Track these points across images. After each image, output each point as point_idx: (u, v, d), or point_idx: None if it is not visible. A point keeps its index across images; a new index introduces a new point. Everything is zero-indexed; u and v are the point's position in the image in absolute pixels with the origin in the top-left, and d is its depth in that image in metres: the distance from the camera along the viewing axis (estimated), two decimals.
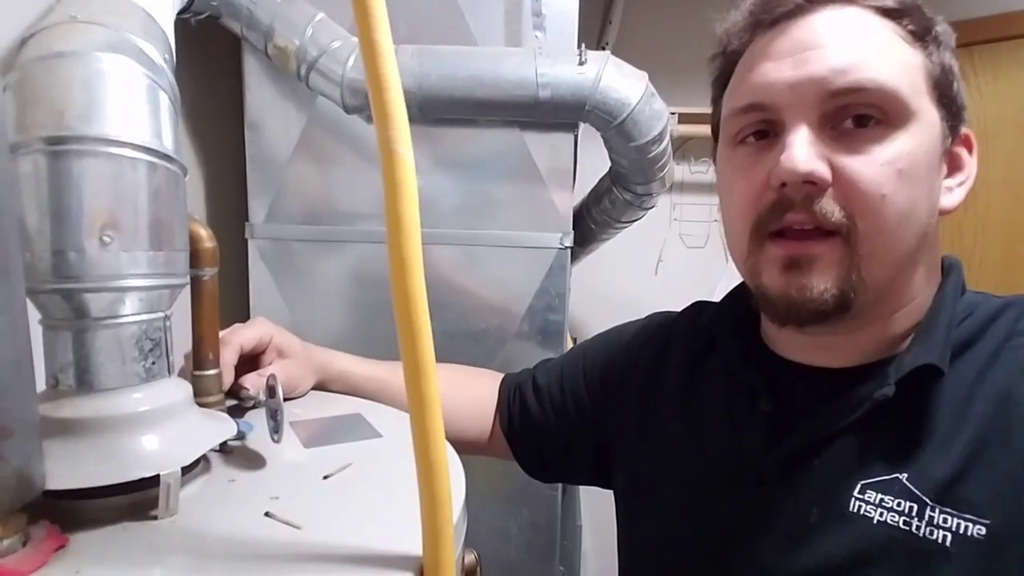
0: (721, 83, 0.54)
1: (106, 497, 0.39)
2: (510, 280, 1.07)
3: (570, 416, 0.68)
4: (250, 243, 1.08)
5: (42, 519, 0.37)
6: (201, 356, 0.52)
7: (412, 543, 0.37)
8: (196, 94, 1.07)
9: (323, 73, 0.93)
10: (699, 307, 0.67)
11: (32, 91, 0.38)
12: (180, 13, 0.78)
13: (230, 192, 1.13)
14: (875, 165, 0.42)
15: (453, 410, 0.70)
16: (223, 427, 0.46)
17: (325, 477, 0.47)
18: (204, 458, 0.47)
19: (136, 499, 0.41)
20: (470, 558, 0.54)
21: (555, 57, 0.93)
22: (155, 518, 0.40)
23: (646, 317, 0.72)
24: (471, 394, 0.74)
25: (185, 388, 0.44)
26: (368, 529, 0.40)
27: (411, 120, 1.02)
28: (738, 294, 0.59)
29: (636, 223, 1.28)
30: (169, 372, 0.44)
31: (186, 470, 0.43)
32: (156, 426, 0.41)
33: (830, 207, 0.43)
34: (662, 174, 1.08)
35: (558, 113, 0.95)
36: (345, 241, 1.08)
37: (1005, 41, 1.68)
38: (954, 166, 0.48)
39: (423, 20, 1.01)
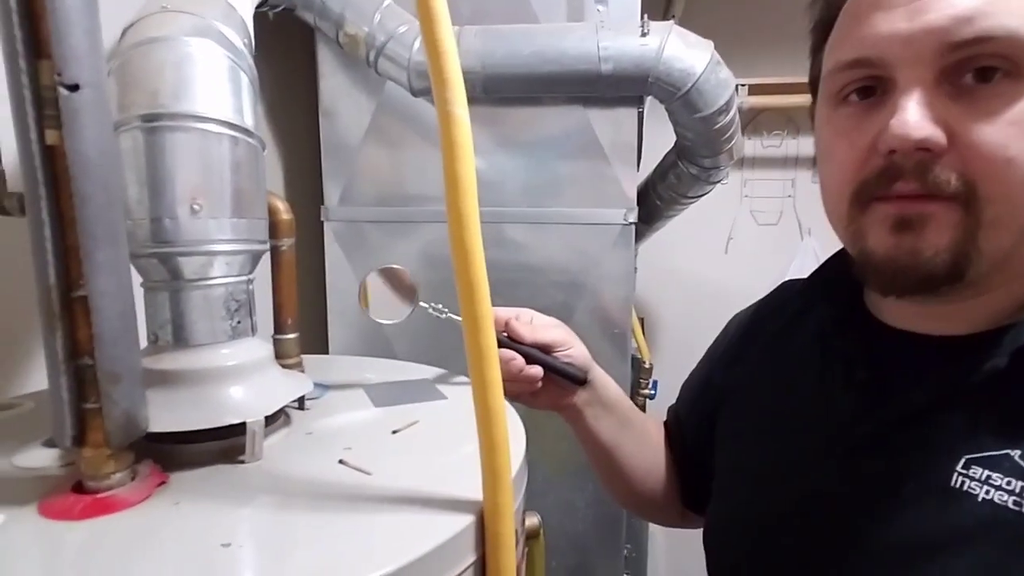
0: (821, 31, 0.49)
1: (200, 442, 0.44)
2: (576, 257, 1.08)
3: (692, 431, 0.68)
4: (325, 225, 1.13)
5: (146, 458, 0.41)
6: (281, 321, 0.56)
7: (473, 491, 0.39)
8: (274, 84, 1.13)
9: (391, 58, 0.96)
10: (788, 284, 0.66)
11: (130, 74, 0.42)
12: (258, 7, 0.83)
13: (306, 177, 1.19)
14: (1000, 125, 0.38)
15: (646, 472, 0.69)
16: (301, 384, 0.49)
17: (394, 432, 0.49)
18: (284, 412, 0.51)
19: (226, 445, 0.45)
20: (532, 520, 0.56)
21: (617, 30, 0.92)
22: (243, 462, 0.44)
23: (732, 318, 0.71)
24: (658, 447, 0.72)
25: (267, 347, 0.48)
26: (432, 478, 0.42)
27: (475, 101, 1.05)
28: (834, 261, 0.57)
29: (705, 200, 1.25)
30: (253, 331, 0.48)
31: (269, 421, 0.47)
32: (242, 379, 0.45)
33: (945, 175, 0.39)
34: (729, 146, 1.05)
35: (621, 86, 0.94)
36: (415, 222, 1.12)
37: None
38: None
39: (485, 0, 1.02)
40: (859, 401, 0.48)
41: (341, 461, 0.44)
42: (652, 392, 1.50)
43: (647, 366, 1.55)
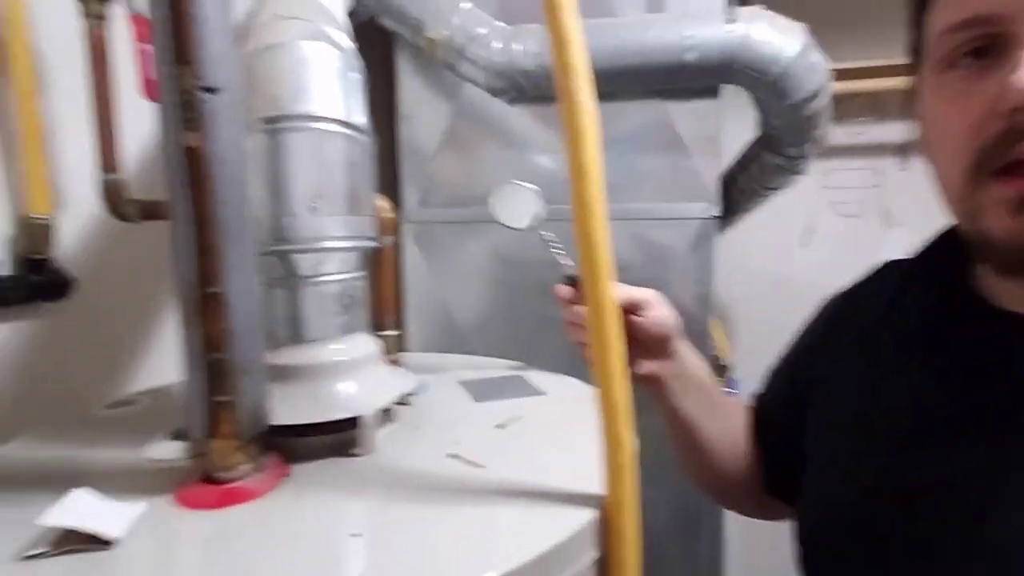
0: None
1: (314, 436, 0.45)
2: (655, 253, 1.06)
3: (779, 417, 0.66)
4: (405, 227, 1.15)
5: (268, 451, 0.43)
6: (382, 318, 0.57)
7: (589, 485, 0.38)
8: None
9: (471, 59, 0.97)
10: (891, 265, 0.62)
11: (252, 80, 0.43)
12: None
13: (384, 180, 1.21)
14: None
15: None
16: (407, 380, 0.50)
17: (498, 426, 0.49)
18: (389, 408, 0.52)
19: (339, 439, 0.46)
20: None
21: (701, 18, 0.90)
22: (356, 455, 0.45)
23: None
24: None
25: (376, 343, 0.49)
26: (545, 472, 0.42)
27: (550, 98, 1.04)
28: (940, 241, 0.54)
29: (780, 192, 1.21)
30: (364, 328, 0.49)
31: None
32: (355, 374, 0.46)
33: None
34: (818, 133, 1.01)
35: (705, 75, 0.92)
36: (488, 222, 1.13)
37: None
38: None
39: None
40: (967, 388, 0.44)
41: (453, 455, 0.44)
42: (733, 391, 1.46)
43: (726, 364, 1.51)
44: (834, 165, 1.63)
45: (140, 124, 0.74)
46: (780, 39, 0.88)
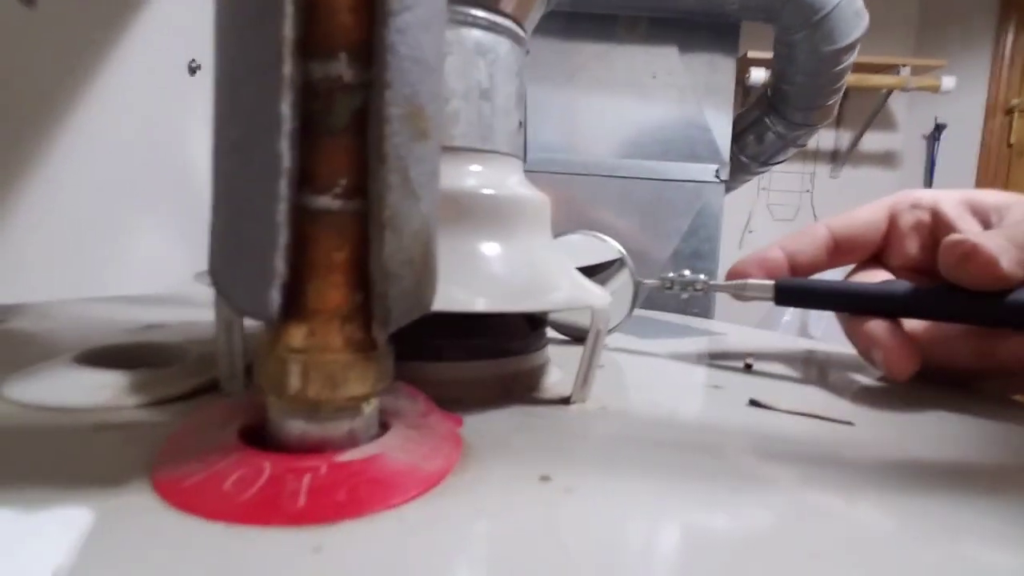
0: None
1: (481, 360, 0.20)
2: (655, 219, 0.90)
3: None
4: None
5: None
6: None
7: None
8: None
9: None
10: None
11: None
12: None
13: None
14: None
15: None
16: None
17: (747, 366, 0.28)
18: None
19: (509, 369, 0.21)
20: None
21: None
22: (566, 402, 0.20)
23: None
24: None
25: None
26: (936, 430, 0.21)
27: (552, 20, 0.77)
28: None
29: (774, 166, 1.12)
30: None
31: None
32: (528, 229, 0.22)
33: None
34: (832, 101, 0.92)
35: (747, 8, 0.78)
36: None
37: None
38: None
39: None
40: None
41: (754, 402, 0.22)
42: None
43: None
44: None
45: None
46: None
